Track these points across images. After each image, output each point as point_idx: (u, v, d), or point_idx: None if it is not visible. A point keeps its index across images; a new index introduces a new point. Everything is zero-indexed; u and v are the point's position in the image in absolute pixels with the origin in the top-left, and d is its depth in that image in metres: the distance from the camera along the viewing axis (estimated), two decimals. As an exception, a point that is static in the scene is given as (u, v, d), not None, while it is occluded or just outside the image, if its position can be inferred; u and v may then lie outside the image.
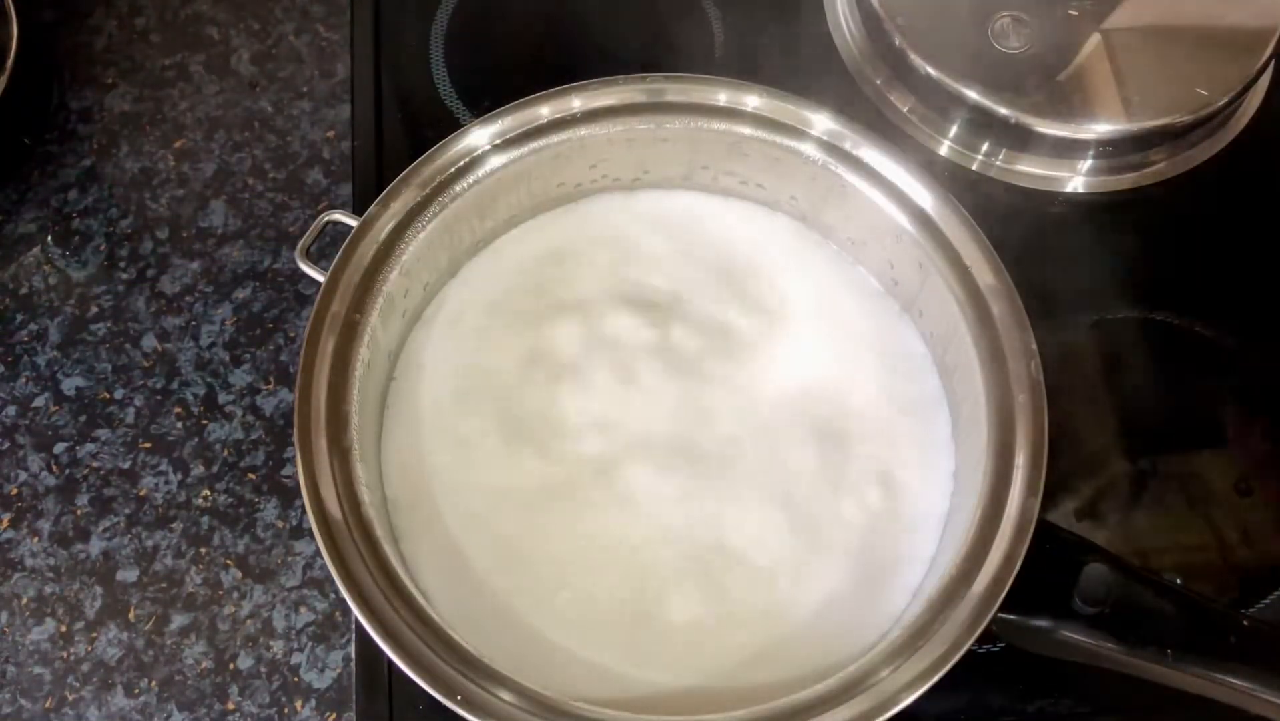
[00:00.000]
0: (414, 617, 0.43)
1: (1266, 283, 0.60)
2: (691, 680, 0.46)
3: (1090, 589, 0.43)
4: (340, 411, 0.46)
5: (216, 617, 0.54)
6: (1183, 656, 0.43)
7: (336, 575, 0.43)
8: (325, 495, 0.44)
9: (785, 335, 0.53)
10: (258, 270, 0.62)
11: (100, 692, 0.53)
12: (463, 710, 0.41)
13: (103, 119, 0.66)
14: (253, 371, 0.60)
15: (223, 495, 0.57)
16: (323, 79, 0.68)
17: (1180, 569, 0.53)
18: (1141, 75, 0.58)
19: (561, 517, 0.49)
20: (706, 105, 0.52)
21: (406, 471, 0.50)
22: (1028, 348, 0.47)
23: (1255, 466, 0.56)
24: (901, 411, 0.51)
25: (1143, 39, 0.60)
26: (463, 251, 0.54)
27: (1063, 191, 0.61)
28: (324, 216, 0.51)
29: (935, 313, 0.50)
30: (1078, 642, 0.44)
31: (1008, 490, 0.45)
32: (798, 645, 0.46)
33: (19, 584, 0.55)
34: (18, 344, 0.60)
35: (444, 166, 0.51)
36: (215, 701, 0.53)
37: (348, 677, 0.53)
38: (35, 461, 0.58)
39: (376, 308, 0.48)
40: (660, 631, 0.47)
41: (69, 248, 0.63)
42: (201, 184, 0.65)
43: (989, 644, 0.49)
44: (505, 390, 0.51)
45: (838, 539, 0.49)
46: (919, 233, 0.50)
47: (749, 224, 0.55)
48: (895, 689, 0.41)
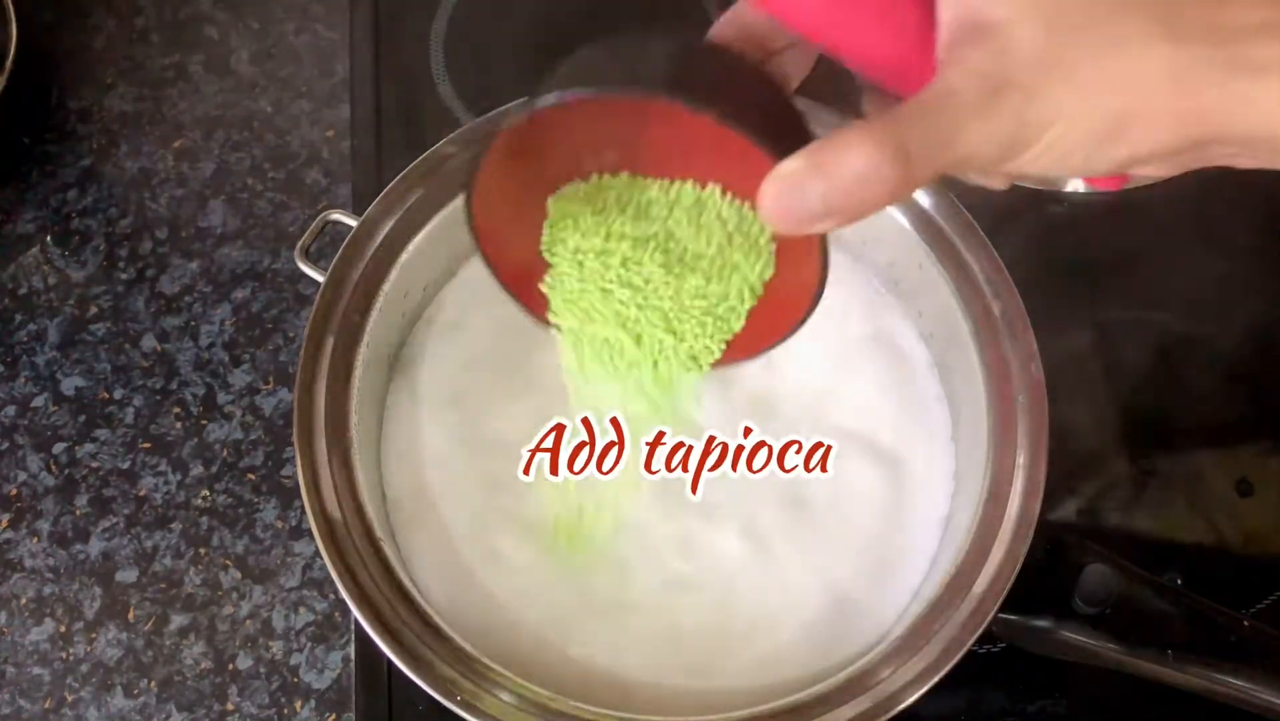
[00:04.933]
0: (414, 617, 0.43)
1: (1267, 282, 0.60)
2: (691, 680, 0.46)
3: (1090, 589, 0.43)
4: (340, 411, 0.46)
5: (216, 618, 0.54)
6: (1183, 657, 0.43)
7: (336, 575, 0.43)
8: (325, 495, 0.44)
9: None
10: (257, 270, 0.62)
11: (99, 693, 0.53)
12: (463, 710, 0.41)
13: (102, 119, 0.66)
14: (252, 371, 0.59)
15: (222, 495, 0.57)
16: (322, 79, 0.67)
17: (1180, 569, 0.53)
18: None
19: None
20: (706, 105, 0.52)
21: (406, 471, 0.49)
22: (1028, 348, 0.47)
23: (1255, 466, 0.56)
24: (901, 412, 0.51)
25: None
26: (463, 252, 0.54)
27: (1063, 191, 0.61)
28: (324, 216, 0.51)
29: (935, 313, 0.50)
30: (1078, 642, 0.44)
31: (1008, 490, 0.45)
32: (798, 645, 0.46)
33: (18, 584, 0.55)
34: (17, 344, 0.60)
35: (444, 166, 0.51)
36: (215, 702, 0.53)
37: (347, 678, 0.53)
38: (34, 461, 0.58)
39: (376, 307, 0.48)
40: (660, 631, 0.47)
41: (68, 247, 0.63)
42: (201, 184, 0.65)
43: (989, 644, 0.49)
44: (505, 390, 0.51)
45: (838, 539, 0.48)
46: (919, 233, 0.50)
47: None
48: (895, 689, 0.41)
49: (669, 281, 0.39)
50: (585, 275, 0.40)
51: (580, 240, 0.39)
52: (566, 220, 0.39)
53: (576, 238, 0.39)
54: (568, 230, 0.39)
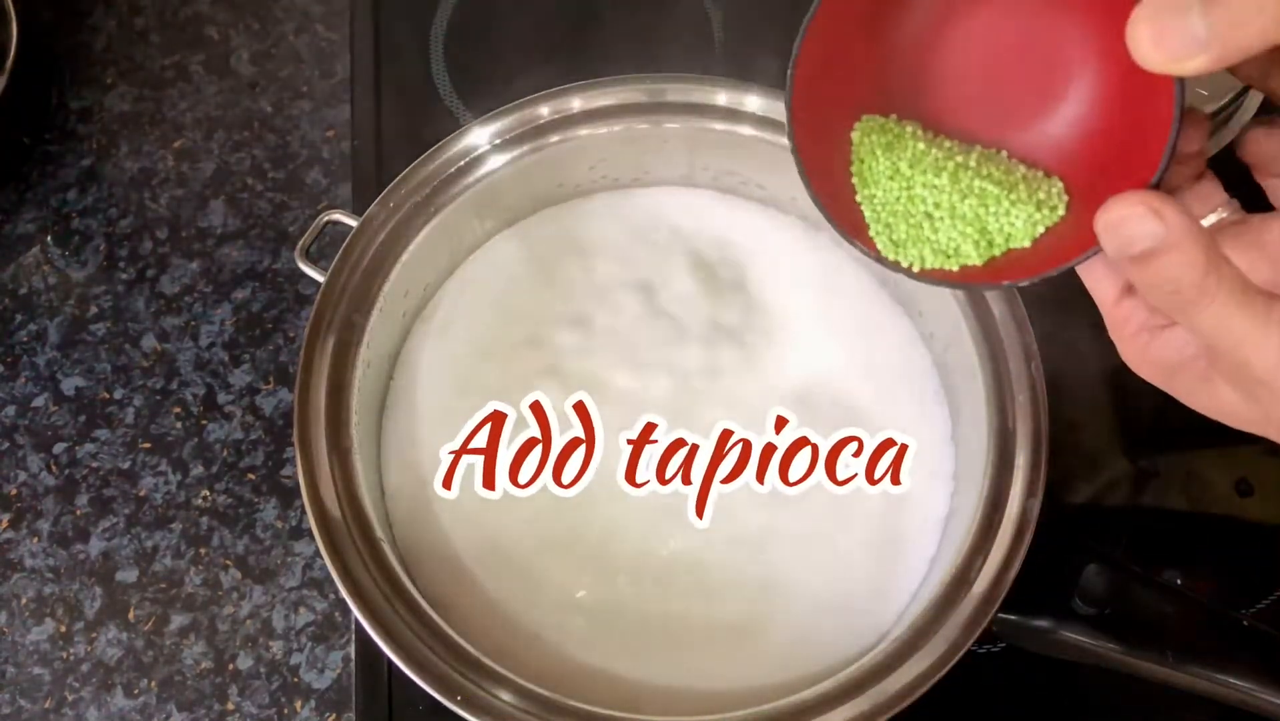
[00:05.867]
0: (414, 617, 0.43)
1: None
2: (691, 680, 0.46)
3: (1090, 589, 0.43)
4: (340, 411, 0.46)
5: (216, 618, 0.54)
6: (1183, 657, 0.43)
7: (336, 575, 0.43)
8: (325, 495, 0.44)
9: (784, 335, 0.52)
10: (257, 270, 0.62)
11: (100, 693, 0.53)
12: (463, 710, 0.41)
13: (102, 119, 0.66)
14: (252, 371, 0.60)
15: (222, 495, 0.57)
16: (322, 79, 0.68)
17: (1180, 569, 0.53)
18: (1141, 75, 0.58)
19: (561, 517, 0.49)
20: (706, 105, 0.52)
21: (406, 471, 0.50)
22: (1028, 348, 0.47)
23: (1255, 466, 0.56)
24: (901, 412, 0.51)
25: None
26: (462, 251, 0.54)
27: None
28: (324, 216, 0.51)
29: (935, 312, 0.50)
30: (1078, 643, 0.44)
31: (1008, 490, 0.45)
32: (798, 646, 0.46)
33: (18, 584, 0.55)
34: (17, 344, 0.60)
35: (444, 166, 0.51)
36: (215, 702, 0.53)
37: (347, 678, 0.53)
38: (35, 461, 0.58)
39: (376, 307, 0.48)
40: (660, 631, 0.47)
41: (68, 247, 0.63)
42: (201, 184, 0.65)
43: (989, 644, 0.49)
44: (505, 390, 0.51)
45: (837, 539, 0.49)
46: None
47: (749, 224, 0.55)
48: (895, 689, 0.41)
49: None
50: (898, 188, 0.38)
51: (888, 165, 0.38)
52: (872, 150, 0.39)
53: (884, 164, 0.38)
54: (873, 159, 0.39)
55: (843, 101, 0.39)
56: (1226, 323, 0.31)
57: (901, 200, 0.38)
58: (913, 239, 0.38)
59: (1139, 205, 0.30)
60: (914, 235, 0.38)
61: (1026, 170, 0.38)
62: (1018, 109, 0.39)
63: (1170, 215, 0.30)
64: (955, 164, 0.38)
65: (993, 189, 0.37)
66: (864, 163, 0.39)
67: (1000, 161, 0.39)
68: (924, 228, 0.38)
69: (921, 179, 0.38)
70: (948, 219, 0.38)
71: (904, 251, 0.38)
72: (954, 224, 0.37)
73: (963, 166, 0.38)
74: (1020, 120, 0.39)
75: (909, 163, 0.38)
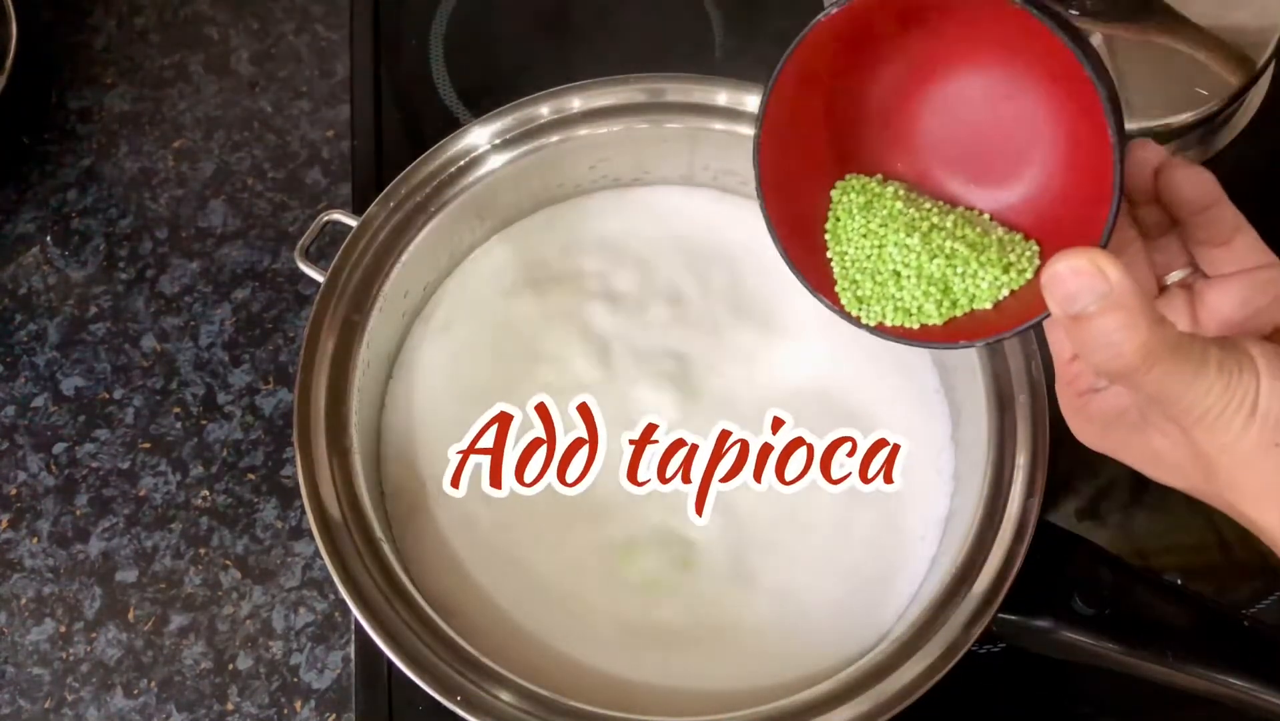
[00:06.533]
0: (414, 618, 0.43)
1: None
2: (691, 680, 0.46)
3: (1090, 589, 0.43)
4: (340, 411, 0.46)
5: (216, 618, 0.54)
6: (1183, 657, 0.43)
7: (336, 575, 0.43)
8: (325, 495, 0.44)
9: (784, 335, 0.52)
10: (257, 270, 0.62)
11: (99, 693, 0.53)
12: (463, 710, 0.41)
13: (102, 119, 0.66)
14: (252, 371, 0.59)
15: (222, 495, 0.57)
16: (322, 79, 0.67)
17: (1180, 569, 0.53)
18: (1142, 75, 0.58)
19: (561, 517, 0.49)
20: (706, 105, 0.52)
21: (406, 471, 0.50)
22: (1028, 348, 0.47)
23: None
24: (901, 411, 0.51)
25: (1143, 39, 0.60)
26: (462, 251, 0.54)
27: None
28: (323, 216, 0.51)
29: (935, 313, 0.50)
30: (1078, 642, 0.44)
31: (1008, 490, 0.45)
32: (798, 646, 0.46)
33: (18, 584, 0.55)
34: (17, 344, 0.60)
35: (444, 166, 0.51)
36: (215, 702, 0.53)
37: (347, 678, 0.53)
38: (34, 461, 0.58)
39: (376, 308, 0.48)
40: (659, 632, 0.47)
41: (68, 248, 0.63)
42: (201, 184, 0.65)
43: (989, 644, 0.49)
44: (505, 390, 0.51)
45: (837, 539, 0.49)
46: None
47: (749, 224, 0.55)
48: (896, 689, 0.41)
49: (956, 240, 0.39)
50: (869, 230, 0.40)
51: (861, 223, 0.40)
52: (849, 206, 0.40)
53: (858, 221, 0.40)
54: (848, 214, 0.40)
55: (819, 160, 0.40)
56: (1169, 378, 0.31)
57: (871, 258, 0.39)
58: (877, 296, 0.39)
59: (1082, 260, 0.31)
60: (879, 292, 0.39)
61: (1004, 233, 0.39)
62: (994, 172, 0.40)
63: (1113, 273, 0.30)
64: (930, 224, 0.39)
65: (964, 250, 0.38)
66: (839, 221, 0.40)
67: (980, 223, 0.39)
68: (889, 285, 0.39)
69: (894, 238, 0.39)
70: (915, 278, 0.39)
71: (867, 308, 0.40)
72: (919, 283, 0.39)
73: (937, 227, 0.39)
74: (998, 182, 0.40)
75: (881, 221, 0.39)
